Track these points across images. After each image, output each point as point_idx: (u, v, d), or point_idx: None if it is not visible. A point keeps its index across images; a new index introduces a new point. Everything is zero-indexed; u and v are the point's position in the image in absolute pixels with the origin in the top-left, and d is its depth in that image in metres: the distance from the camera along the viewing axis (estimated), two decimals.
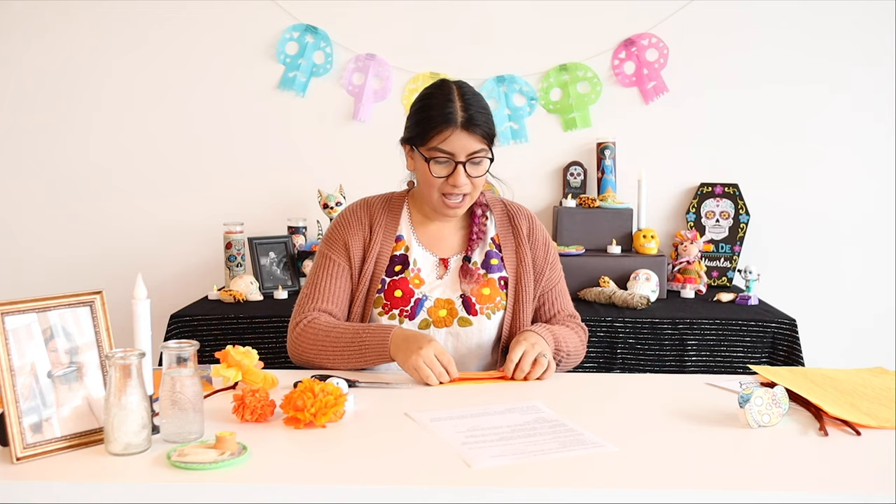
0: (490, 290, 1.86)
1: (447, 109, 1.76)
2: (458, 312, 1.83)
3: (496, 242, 1.92)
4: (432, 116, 1.77)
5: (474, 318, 1.83)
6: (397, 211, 1.92)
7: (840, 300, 3.17)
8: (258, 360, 1.55)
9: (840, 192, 3.16)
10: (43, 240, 3.22)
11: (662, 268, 2.86)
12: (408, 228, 1.91)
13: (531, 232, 1.94)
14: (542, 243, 1.94)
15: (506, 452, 1.24)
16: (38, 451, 1.19)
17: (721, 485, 1.15)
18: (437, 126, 1.75)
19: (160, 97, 3.18)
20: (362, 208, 1.91)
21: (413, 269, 1.86)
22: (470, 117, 1.76)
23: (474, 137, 1.76)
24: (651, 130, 3.16)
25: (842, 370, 1.73)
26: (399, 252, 1.88)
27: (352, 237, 1.87)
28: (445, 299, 1.84)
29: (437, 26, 3.14)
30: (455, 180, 1.77)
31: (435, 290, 1.85)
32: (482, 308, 1.84)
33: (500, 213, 1.95)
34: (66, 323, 1.27)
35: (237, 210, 3.14)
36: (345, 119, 3.19)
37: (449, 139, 1.75)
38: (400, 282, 1.84)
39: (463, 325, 1.83)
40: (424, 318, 1.82)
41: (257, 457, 1.20)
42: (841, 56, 3.10)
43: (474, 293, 1.84)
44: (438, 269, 1.88)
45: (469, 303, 1.84)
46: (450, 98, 1.78)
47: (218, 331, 2.56)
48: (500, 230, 1.93)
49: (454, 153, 1.76)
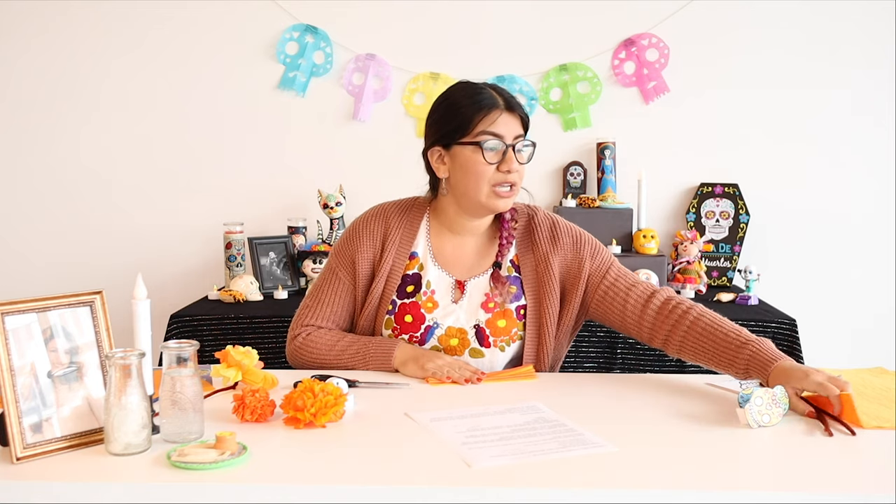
0: (506, 322, 1.76)
1: (484, 95, 1.71)
2: (470, 343, 1.75)
3: (515, 264, 1.81)
4: (472, 104, 1.71)
5: (487, 350, 1.75)
6: (416, 223, 1.83)
7: (840, 300, 3.17)
8: (258, 360, 1.55)
9: (840, 191, 3.15)
10: (43, 239, 3.22)
11: (662, 268, 2.86)
12: (424, 244, 1.82)
13: (556, 239, 1.81)
14: (570, 245, 1.81)
15: (506, 452, 1.24)
16: (38, 451, 1.19)
17: (721, 485, 1.15)
18: (483, 109, 1.69)
19: (160, 97, 3.18)
20: (377, 220, 1.82)
21: (426, 292, 1.78)
22: (508, 100, 1.73)
23: (518, 120, 1.73)
24: (651, 130, 3.16)
25: (842, 370, 1.72)
26: (412, 271, 1.80)
27: (361, 254, 1.80)
28: (458, 328, 1.76)
29: (437, 26, 3.14)
30: (508, 165, 1.69)
31: (448, 316, 1.77)
32: (496, 340, 1.75)
33: (522, 231, 1.83)
34: (66, 323, 1.27)
35: (237, 210, 3.14)
36: (345, 119, 3.19)
37: (497, 121, 1.69)
38: (411, 306, 1.77)
39: (474, 357, 1.75)
40: (435, 345, 1.76)
41: (257, 457, 1.20)
42: (841, 56, 3.10)
43: (490, 324, 1.75)
44: (454, 292, 1.79)
45: (483, 334, 1.75)
46: (479, 87, 1.74)
47: (218, 331, 2.56)
48: (521, 250, 1.82)
49: (503, 135, 1.70)
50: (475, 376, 1.63)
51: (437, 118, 1.77)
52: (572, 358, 2.55)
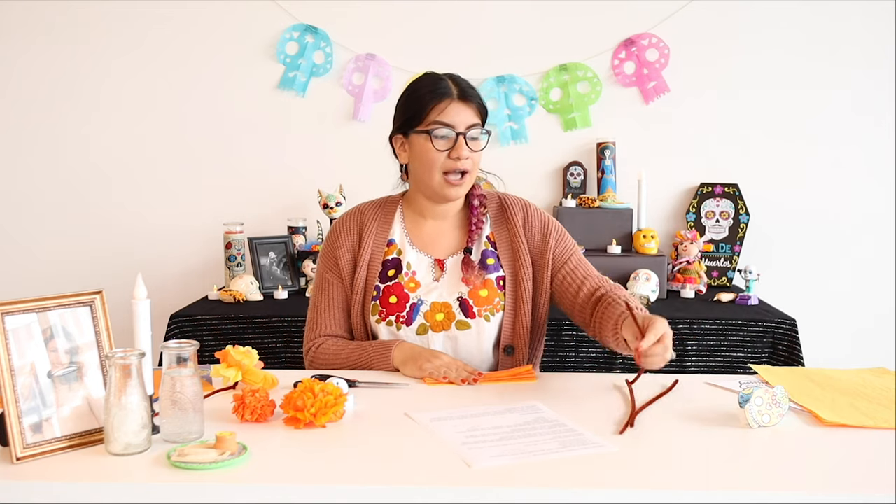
0: (488, 291, 1.83)
1: (440, 84, 1.80)
2: (455, 316, 1.81)
3: (492, 240, 1.88)
4: (427, 93, 1.79)
5: (472, 321, 1.81)
6: (390, 214, 1.90)
7: (840, 300, 3.17)
8: (258, 360, 1.55)
9: (840, 191, 3.16)
10: (43, 239, 3.23)
11: (662, 268, 2.86)
12: (400, 231, 1.89)
13: (526, 220, 1.89)
14: (539, 227, 1.88)
15: (506, 452, 1.24)
16: (38, 451, 1.19)
17: (721, 485, 1.15)
18: (434, 99, 1.77)
19: (160, 97, 3.18)
20: (352, 218, 1.91)
21: (407, 273, 1.84)
22: (463, 90, 1.79)
23: (471, 109, 1.78)
24: (651, 130, 3.16)
25: (842, 370, 1.73)
26: (391, 256, 1.86)
27: (340, 250, 1.87)
28: (442, 303, 1.81)
29: (437, 26, 3.14)
30: (458, 152, 1.76)
31: (431, 293, 1.82)
32: (480, 310, 1.81)
33: (494, 209, 1.91)
34: (66, 323, 1.27)
35: (237, 210, 3.14)
36: (345, 119, 3.19)
37: (447, 110, 1.77)
38: (394, 287, 1.83)
39: (461, 329, 1.81)
40: (422, 322, 1.81)
41: (257, 457, 1.20)
42: (841, 56, 3.10)
43: (472, 295, 1.81)
44: (434, 270, 1.85)
45: (467, 305, 1.81)
46: (439, 77, 1.82)
47: (218, 331, 2.56)
48: (495, 227, 1.89)
49: (454, 124, 1.77)
50: (472, 377, 1.64)
51: (399, 107, 1.86)
52: (572, 358, 2.55)
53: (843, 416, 1.40)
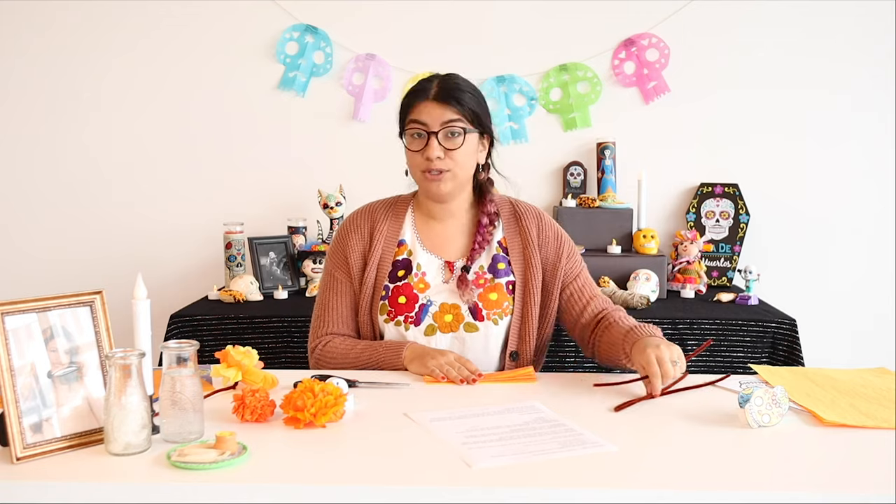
0: (497, 295, 1.82)
1: (421, 86, 1.82)
2: (464, 317, 1.81)
3: (503, 246, 1.88)
4: (408, 95, 1.83)
5: (481, 324, 1.81)
6: (401, 214, 1.90)
7: (840, 300, 3.17)
8: (258, 360, 1.55)
9: (840, 191, 3.15)
10: (43, 239, 3.22)
11: (662, 268, 2.86)
12: (411, 232, 1.89)
13: (540, 230, 1.89)
14: (552, 239, 1.89)
15: (506, 452, 1.24)
16: (38, 451, 1.19)
17: (721, 485, 1.15)
18: (414, 100, 1.80)
19: (160, 97, 3.18)
20: (363, 216, 1.90)
21: (417, 274, 1.84)
22: (442, 90, 1.79)
23: (447, 108, 1.78)
24: (651, 130, 3.16)
25: (842, 370, 1.73)
26: (401, 257, 1.86)
27: (350, 248, 1.87)
28: (451, 304, 1.81)
29: (437, 26, 3.14)
30: (427, 152, 1.77)
31: (440, 293, 1.83)
32: (489, 314, 1.81)
33: (507, 216, 1.91)
34: (66, 323, 1.27)
35: (237, 210, 3.14)
36: (345, 119, 3.19)
37: (421, 110, 1.78)
38: (403, 287, 1.83)
39: (469, 331, 1.81)
40: (430, 323, 1.81)
41: (257, 457, 1.20)
42: (841, 56, 3.10)
43: (482, 298, 1.81)
44: (444, 272, 1.85)
45: (476, 308, 1.81)
46: (428, 80, 1.84)
47: (218, 331, 2.56)
48: (508, 233, 1.89)
49: (427, 123, 1.77)
50: (471, 377, 1.64)
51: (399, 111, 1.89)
52: (572, 358, 2.55)
53: (843, 416, 1.40)
